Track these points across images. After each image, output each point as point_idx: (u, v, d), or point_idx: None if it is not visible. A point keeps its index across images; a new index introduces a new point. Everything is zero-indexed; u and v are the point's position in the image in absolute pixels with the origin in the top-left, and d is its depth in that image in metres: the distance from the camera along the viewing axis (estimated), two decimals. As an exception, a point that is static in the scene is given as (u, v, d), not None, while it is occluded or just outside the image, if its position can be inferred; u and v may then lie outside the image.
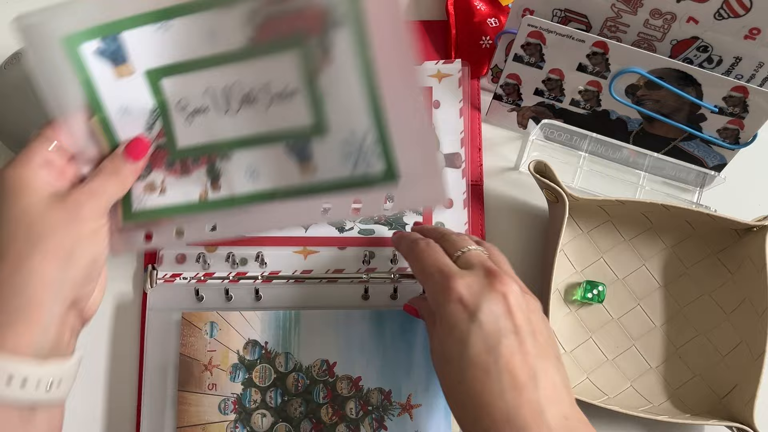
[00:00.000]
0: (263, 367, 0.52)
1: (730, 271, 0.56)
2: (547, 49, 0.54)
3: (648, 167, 0.58)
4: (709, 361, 0.55)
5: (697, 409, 0.54)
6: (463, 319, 0.40)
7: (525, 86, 0.57)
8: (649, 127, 0.57)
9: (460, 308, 0.40)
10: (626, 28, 0.53)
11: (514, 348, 0.39)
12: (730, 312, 0.55)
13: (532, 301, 0.42)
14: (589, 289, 0.55)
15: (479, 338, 0.39)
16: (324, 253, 0.56)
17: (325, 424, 0.51)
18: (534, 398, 0.38)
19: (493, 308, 0.40)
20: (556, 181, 0.52)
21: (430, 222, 0.57)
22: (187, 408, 0.51)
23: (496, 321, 0.40)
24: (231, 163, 0.44)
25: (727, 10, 0.50)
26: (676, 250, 0.57)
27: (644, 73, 0.53)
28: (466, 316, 0.40)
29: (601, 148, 0.58)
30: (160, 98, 0.43)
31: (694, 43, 0.53)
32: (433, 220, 0.57)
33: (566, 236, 0.57)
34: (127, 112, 0.43)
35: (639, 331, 0.56)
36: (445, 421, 0.51)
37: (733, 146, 0.56)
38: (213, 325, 0.53)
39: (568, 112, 0.58)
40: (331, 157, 0.42)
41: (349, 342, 0.53)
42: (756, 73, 0.53)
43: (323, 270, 0.55)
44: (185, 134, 0.44)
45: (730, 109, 0.54)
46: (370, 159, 0.41)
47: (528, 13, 0.54)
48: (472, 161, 0.58)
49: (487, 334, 0.39)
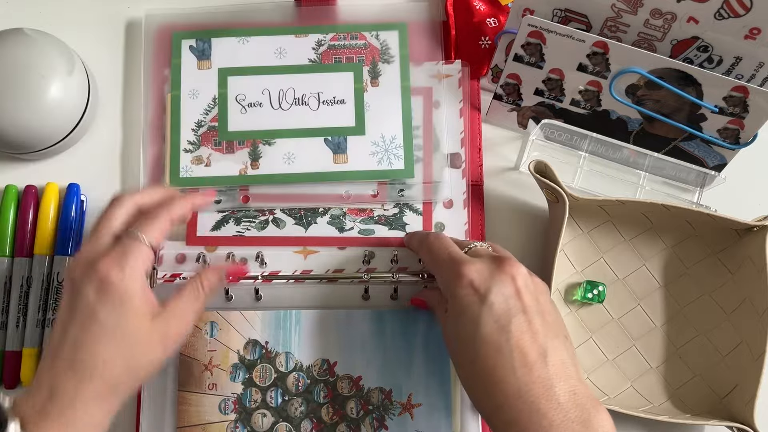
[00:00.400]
0: (263, 367, 0.52)
1: (730, 271, 0.56)
2: (548, 48, 0.54)
3: (648, 167, 0.58)
4: (709, 361, 0.55)
5: (698, 409, 0.54)
6: (475, 302, 0.42)
7: (525, 86, 0.57)
8: (649, 127, 0.57)
9: (471, 292, 0.42)
10: (626, 28, 0.53)
11: (524, 327, 0.41)
12: (730, 312, 0.55)
13: (540, 283, 0.44)
14: (589, 289, 0.55)
15: (491, 318, 0.41)
16: (324, 253, 0.56)
17: (326, 423, 0.51)
18: (544, 375, 0.39)
19: (503, 290, 0.42)
20: (556, 181, 0.52)
21: (430, 221, 0.57)
22: (187, 408, 0.51)
23: (506, 302, 0.41)
24: (272, 148, 0.56)
25: (727, 10, 0.50)
26: (677, 250, 0.57)
27: (644, 73, 0.53)
28: (477, 299, 0.42)
29: (601, 148, 0.58)
30: (223, 90, 0.57)
31: (695, 43, 0.53)
32: (433, 220, 0.57)
33: (566, 236, 0.57)
34: (194, 95, 0.57)
35: (639, 331, 0.56)
36: (446, 421, 0.51)
37: (733, 146, 0.56)
38: (213, 324, 0.53)
39: (568, 112, 0.58)
40: (362, 153, 0.57)
41: (349, 342, 0.53)
42: (756, 73, 0.53)
43: (323, 270, 0.55)
44: (237, 121, 0.57)
45: (730, 109, 0.54)
46: (392, 158, 0.56)
47: (528, 12, 0.54)
48: (472, 161, 0.58)
49: (498, 314, 0.41)
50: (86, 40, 0.60)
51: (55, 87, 0.53)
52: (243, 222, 0.56)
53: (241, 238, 0.56)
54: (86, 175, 0.57)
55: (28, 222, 0.55)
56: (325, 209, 0.57)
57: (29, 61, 0.53)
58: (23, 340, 0.54)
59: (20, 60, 0.52)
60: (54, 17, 0.61)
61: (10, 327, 0.54)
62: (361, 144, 0.57)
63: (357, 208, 0.57)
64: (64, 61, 0.54)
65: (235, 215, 0.56)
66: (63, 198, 0.56)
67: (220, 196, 0.56)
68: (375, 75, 0.58)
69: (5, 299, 0.54)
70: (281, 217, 0.57)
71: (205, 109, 0.57)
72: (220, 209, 0.56)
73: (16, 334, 0.54)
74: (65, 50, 0.55)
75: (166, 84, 0.59)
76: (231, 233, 0.56)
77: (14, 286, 0.54)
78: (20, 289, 0.54)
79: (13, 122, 0.52)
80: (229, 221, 0.56)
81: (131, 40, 0.61)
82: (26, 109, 0.52)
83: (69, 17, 0.61)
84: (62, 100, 0.53)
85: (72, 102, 0.54)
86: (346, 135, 0.57)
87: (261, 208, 0.57)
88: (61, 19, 0.61)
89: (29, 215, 0.55)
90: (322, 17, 0.60)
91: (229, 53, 0.58)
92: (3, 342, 0.54)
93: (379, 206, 0.57)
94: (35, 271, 0.54)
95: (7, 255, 0.54)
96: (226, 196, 0.57)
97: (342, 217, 0.57)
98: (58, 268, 0.54)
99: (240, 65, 0.58)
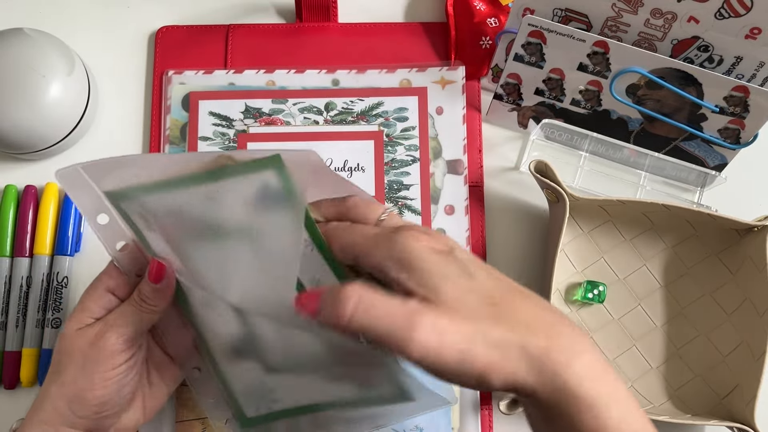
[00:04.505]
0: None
1: (730, 271, 0.56)
2: (548, 48, 0.54)
3: (649, 167, 0.58)
4: (709, 362, 0.55)
5: (698, 410, 0.53)
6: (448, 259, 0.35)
7: (525, 86, 0.57)
8: (649, 127, 0.57)
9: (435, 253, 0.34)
10: (627, 27, 0.53)
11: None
12: (730, 312, 0.55)
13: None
14: (589, 289, 0.55)
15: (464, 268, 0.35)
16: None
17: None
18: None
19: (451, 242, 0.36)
20: (556, 181, 0.52)
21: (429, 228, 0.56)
22: (186, 403, 0.51)
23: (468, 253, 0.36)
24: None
25: (727, 10, 0.50)
26: (677, 250, 0.57)
27: (645, 72, 0.53)
28: (445, 256, 0.35)
29: (601, 148, 0.58)
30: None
31: (695, 43, 0.53)
32: (433, 227, 0.56)
33: (567, 236, 0.56)
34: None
35: (640, 331, 0.56)
36: (445, 417, 0.51)
37: (734, 146, 0.56)
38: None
39: (568, 112, 0.58)
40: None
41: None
42: (757, 72, 0.53)
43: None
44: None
45: (730, 109, 0.53)
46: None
47: (528, 12, 0.54)
48: (473, 162, 0.58)
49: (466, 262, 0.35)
50: (86, 40, 0.60)
51: (55, 87, 0.53)
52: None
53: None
54: (86, 175, 0.57)
55: (27, 222, 0.55)
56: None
57: (29, 61, 0.53)
58: (23, 340, 0.54)
59: (20, 60, 0.52)
60: (54, 17, 0.61)
61: (9, 327, 0.54)
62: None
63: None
64: (64, 61, 0.54)
65: None
66: (63, 198, 0.56)
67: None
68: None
69: (5, 299, 0.54)
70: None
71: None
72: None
73: (15, 335, 0.53)
74: (65, 50, 0.55)
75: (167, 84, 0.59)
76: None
77: (14, 286, 0.54)
78: (20, 289, 0.54)
79: (12, 122, 0.52)
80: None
81: (131, 39, 0.61)
82: (26, 109, 0.52)
83: (69, 17, 0.61)
84: (62, 100, 0.53)
85: (72, 102, 0.54)
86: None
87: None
88: (61, 19, 0.61)
89: (29, 215, 0.55)
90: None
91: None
92: (2, 342, 0.54)
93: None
94: (35, 271, 0.54)
95: (7, 255, 0.54)
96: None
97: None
98: (57, 268, 0.54)
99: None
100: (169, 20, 0.61)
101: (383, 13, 0.63)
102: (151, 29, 0.61)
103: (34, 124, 0.53)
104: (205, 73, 0.59)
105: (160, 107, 0.59)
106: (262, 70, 0.59)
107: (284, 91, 0.59)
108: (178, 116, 0.58)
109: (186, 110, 0.58)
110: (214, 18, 0.62)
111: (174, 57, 0.60)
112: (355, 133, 0.58)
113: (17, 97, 0.52)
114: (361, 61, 0.60)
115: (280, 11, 0.63)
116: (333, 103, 0.59)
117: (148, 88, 0.60)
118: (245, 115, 0.58)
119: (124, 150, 0.59)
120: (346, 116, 0.58)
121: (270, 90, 0.59)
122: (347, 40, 0.61)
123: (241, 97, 0.58)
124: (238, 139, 0.58)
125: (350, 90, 0.59)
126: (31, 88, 0.52)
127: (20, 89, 0.52)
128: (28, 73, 0.52)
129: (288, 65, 0.60)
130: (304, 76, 0.60)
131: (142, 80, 0.60)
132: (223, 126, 0.58)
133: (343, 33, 0.62)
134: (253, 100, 0.58)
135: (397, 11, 0.63)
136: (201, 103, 0.58)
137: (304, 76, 0.60)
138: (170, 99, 0.58)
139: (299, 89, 0.59)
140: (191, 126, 0.58)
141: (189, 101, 0.58)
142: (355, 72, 0.60)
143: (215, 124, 0.58)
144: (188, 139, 0.57)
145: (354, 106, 0.59)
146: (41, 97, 0.52)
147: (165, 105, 0.58)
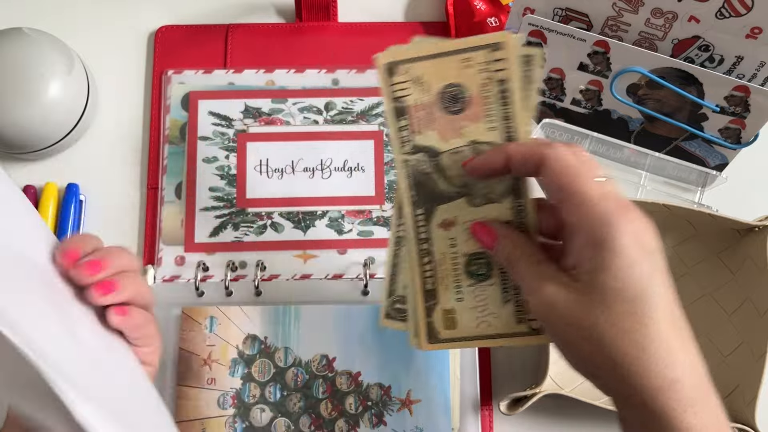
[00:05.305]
0: (262, 362, 0.52)
1: (731, 271, 0.56)
2: (548, 48, 0.54)
3: (649, 167, 0.58)
4: (710, 362, 0.54)
5: (699, 410, 0.53)
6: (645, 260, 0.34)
7: (526, 86, 0.57)
8: (650, 127, 0.57)
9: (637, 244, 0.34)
10: (627, 27, 0.53)
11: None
12: (731, 312, 0.55)
13: None
14: (589, 289, 0.55)
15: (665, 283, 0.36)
16: (323, 257, 0.56)
17: (325, 419, 0.51)
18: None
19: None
20: (556, 180, 0.52)
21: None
22: (185, 402, 0.51)
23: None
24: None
25: (728, 9, 0.49)
26: (678, 250, 0.57)
27: (645, 72, 0.53)
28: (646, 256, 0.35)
29: (602, 148, 0.58)
30: None
31: (696, 43, 0.53)
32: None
33: (567, 236, 0.56)
34: None
35: (640, 331, 0.55)
36: (445, 417, 0.51)
37: (734, 146, 0.56)
38: (213, 319, 0.52)
39: (569, 112, 0.58)
40: None
41: (348, 337, 0.52)
42: (758, 72, 0.53)
43: (323, 275, 0.55)
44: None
45: (731, 109, 0.53)
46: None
47: (529, 12, 0.54)
48: (473, 161, 0.58)
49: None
50: (86, 39, 0.60)
51: (54, 86, 0.53)
52: (241, 227, 0.56)
53: (239, 243, 0.56)
54: (85, 175, 0.57)
55: (27, 221, 0.55)
56: (323, 212, 0.57)
57: (29, 61, 0.53)
58: (22, 339, 0.54)
59: (20, 60, 0.52)
60: (53, 17, 0.61)
61: (9, 326, 0.53)
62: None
63: (355, 210, 0.57)
64: (64, 61, 0.54)
65: (233, 220, 0.56)
66: (62, 198, 0.56)
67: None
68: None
69: (4, 298, 0.54)
70: (279, 221, 0.56)
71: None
72: (218, 215, 0.56)
73: (15, 333, 0.53)
74: (65, 50, 0.55)
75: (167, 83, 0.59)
76: (229, 239, 0.56)
77: (13, 285, 0.54)
78: (19, 288, 0.54)
79: (12, 122, 0.52)
80: (227, 227, 0.56)
81: (131, 39, 0.61)
82: (26, 109, 0.52)
83: (68, 17, 0.61)
84: (62, 100, 0.53)
85: (71, 102, 0.54)
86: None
87: (259, 213, 0.56)
88: (61, 18, 0.61)
89: (29, 214, 0.55)
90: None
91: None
92: (2, 341, 0.54)
93: (377, 207, 0.57)
94: (34, 270, 0.54)
95: (6, 254, 0.54)
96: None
97: (340, 219, 0.56)
98: (57, 267, 0.54)
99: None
100: (168, 20, 0.61)
101: (383, 13, 0.63)
102: (151, 29, 0.61)
103: (33, 123, 0.53)
104: (204, 73, 0.59)
105: (159, 107, 0.59)
106: (261, 69, 0.59)
107: (284, 90, 0.59)
108: (178, 116, 0.58)
109: (185, 110, 0.58)
110: (213, 18, 0.62)
111: (173, 56, 0.60)
112: (354, 132, 0.58)
113: (16, 97, 0.52)
114: (361, 61, 0.60)
115: (280, 11, 0.63)
116: (333, 102, 0.59)
117: (148, 87, 0.60)
118: (245, 115, 0.58)
119: (124, 150, 0.59)
120: (346, 116, 0.58)
121: (270, 90, 0.59)
122: (347, 39, 0.61)
123: (240, 96, 0.58)
124: (238, 138, 0.58)
125: (350, 90, 0.59)
126: (30, 88, 0.52)
127: (19, 89, 0.52)
128: (28, 72, 0.52)
129: (288, 65, 0.60)
130: (303, 76, 0.60)
131: (142, 80, 0.60)
132: (222, 126, 0.58)
133: (343, 32, 0.62)
134: (252, 99, 0.58)
135: (397, 11, 0.63)
136: (200, 103, 0.58)
137: (304, 76, 0.60)
138: (170, 98, 0.58)
139: (299, 89, 0.59)
140: (191, 126, 0.58)
141: (188, 101, 0.58)
142: (355, 72, 0.60)
143: (215, 123, 0.58)
144: (188, 139, 0.57)
145: (354, 105, 0.59)
146: (40, 96, 0.52)
147: (164, 105, 0.58)
